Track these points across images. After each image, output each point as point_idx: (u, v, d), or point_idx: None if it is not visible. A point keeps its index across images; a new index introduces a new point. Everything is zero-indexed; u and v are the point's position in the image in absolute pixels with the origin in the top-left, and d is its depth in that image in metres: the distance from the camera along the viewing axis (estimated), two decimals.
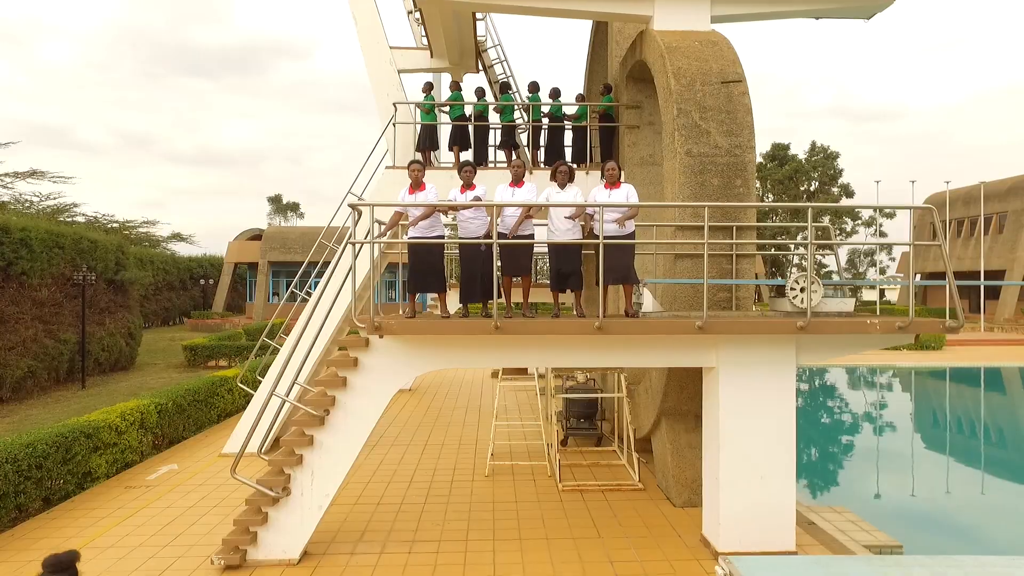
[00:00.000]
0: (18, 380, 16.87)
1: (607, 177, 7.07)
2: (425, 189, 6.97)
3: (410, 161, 7.14)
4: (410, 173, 7.01)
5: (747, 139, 8.33)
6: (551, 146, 11.96)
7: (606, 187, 7.07)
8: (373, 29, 12.30)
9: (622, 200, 6.95)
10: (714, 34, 9.40)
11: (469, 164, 7.14)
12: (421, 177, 7.01)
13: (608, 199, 6.95)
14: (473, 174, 7.13)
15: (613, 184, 7.04)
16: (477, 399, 16.91)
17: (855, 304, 23.95)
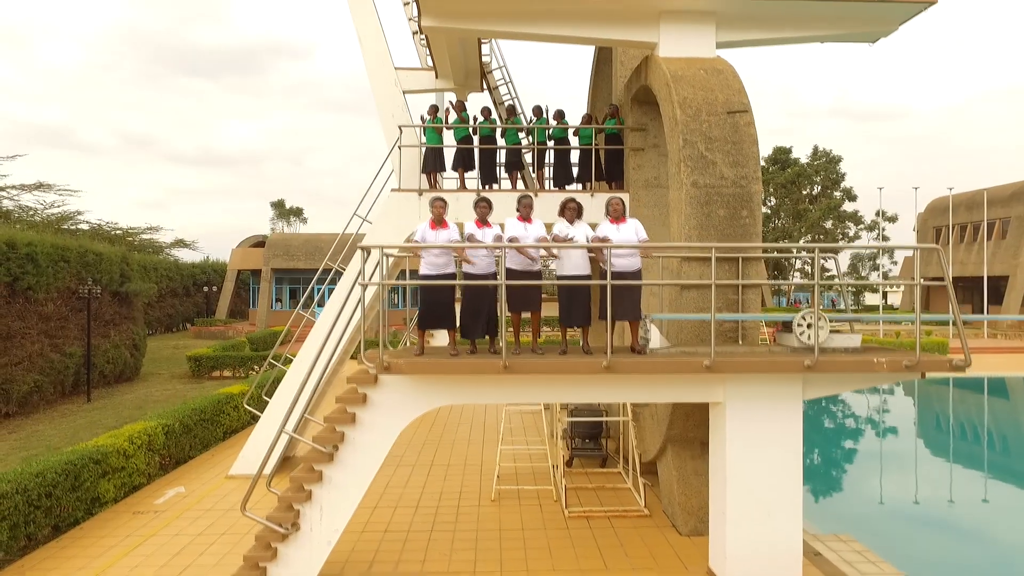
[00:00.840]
0: (24, 395, 16.94)
1: (612, 212, 7.11)
2: (448, 228, 7.00)
3: (434, 198, 7.15)
4: (433, 210, 7.04)
5: (753, 170, 8.36)
6: (557, 168, 11.99)
7: (612, 222, 7.10)
8: (378, 50, 12.34)
9: (631, 235, 6.99)
10: (719, 61, 9.43)
11: (485, 200, 7.17)
12: (444, 214, 7.04)
13: (616, 234, 6.98)
14: (489, 210, 7.16)
15: (619, 219, 7.07)
16: (481, 416, 16.94)
17: (860, 305, 23.64)
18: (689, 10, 9.59)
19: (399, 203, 11.48)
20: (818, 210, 53.93)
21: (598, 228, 7.20)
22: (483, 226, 7.06)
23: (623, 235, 6.95)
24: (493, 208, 7.35)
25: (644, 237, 7.03)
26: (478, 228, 7.05)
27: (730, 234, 8.28)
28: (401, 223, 11.44)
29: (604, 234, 7.05)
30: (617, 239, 6.92)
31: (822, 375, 6.72)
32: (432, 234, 6.95)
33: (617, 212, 7.07)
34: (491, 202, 7.25)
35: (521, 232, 7.02)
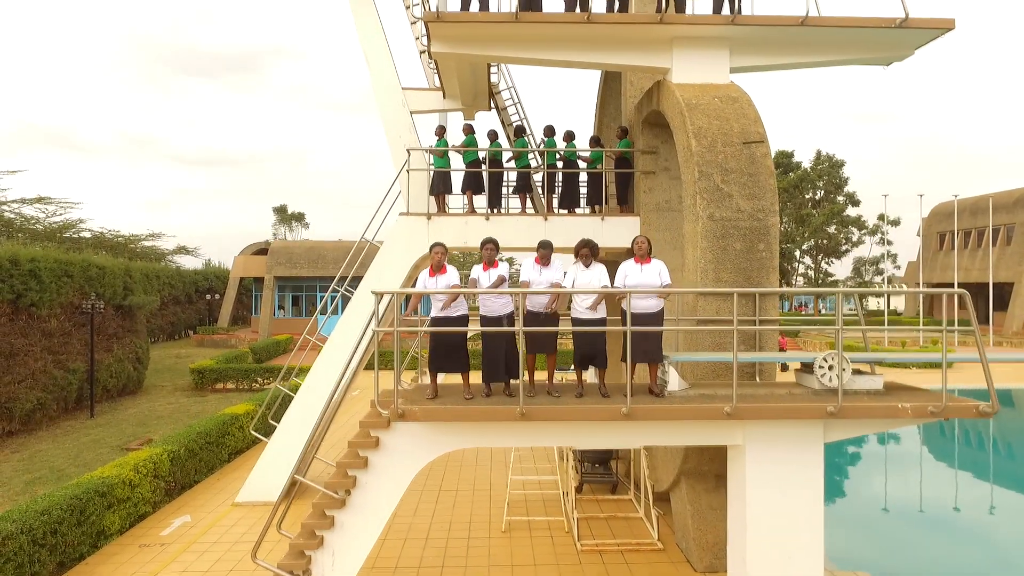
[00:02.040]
0: (27, 413, 16.81)
1: (637, 251, 6.97)
2: (446, 272, 6.86)
3: (432, 244, 7.02)
4: (432, 256, 6.90)
5: (770, 202, 8.23)
6: (566, 190, 11.86)
7: (636, 261, 6.96)
8: (386, 71, 12.22)
9: (654, 276, 6.85)
10: (734, 88, 9.30)
11: (492, 242, 7.04)
12: (443, 260, 6.89)
13: (639, 275, 6.84)
14: (496, 251, 7.02)
15: (643, 259, 6.93)
16: None
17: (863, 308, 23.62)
18: (702, 36, 9.46)
19: (407, 227, 11.35)
20: (821, 215, 53.74)
21: (621, 266, 7.05)
22: (489, 268, 6.92)
23: (646, 276, 6.81)
24: (499, 249, 7.20)
25: (667, 280, 6.88)
26: (484, 271, 6.91)
27: (747, 268, 8.15)
28: (410, 247, 11.31)
29: (627, 272, 6.91)
30: (640, 280, 6.79)
31: (845, 420, 6.58)
32: (432, 281, 6.81)
33: (642, 252, 6.93)
34: (498, 244, 7.11)
35: (535, 277, 6.88)
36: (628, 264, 6.98)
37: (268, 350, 31.94)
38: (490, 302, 6.89)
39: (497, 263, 6.97)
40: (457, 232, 11.31)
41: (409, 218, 11.38)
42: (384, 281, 11.34)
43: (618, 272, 7.01)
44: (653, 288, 6.75)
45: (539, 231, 11.29)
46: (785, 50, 9.69)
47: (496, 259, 6.99)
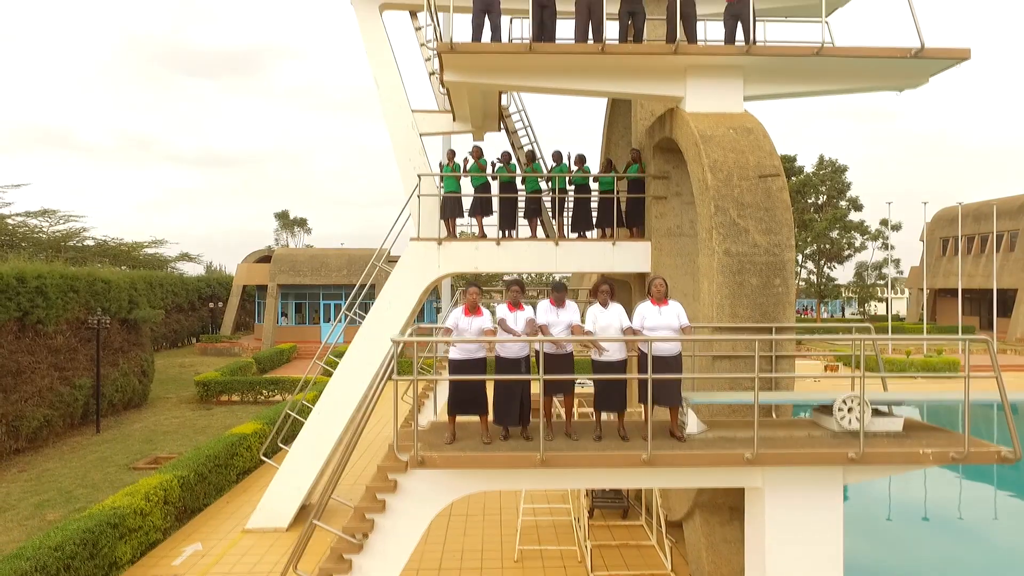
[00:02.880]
0: (34, 430, 16.78)
1: (654, 293, 6.93)
2: (482, 315, 6.83)
3: (468, 284, 6.98)
4: (468, 297, 6.86)
5: (786, 237, 8.20)
6: (577, 215, 11.83)
7: (653, 303, 6.93)
8: (395, 93, 12.18)
9: (673, 319, 6.81)
10: (748, 118, 9.26)
11: (517, 284, 7.00)
12: (478, 301, 6.86)
13: (658, 317, 6.81)
14: (521, 293, 6.98)
15: (661, 300, 6.90)
16: None
17: (866, 314, 23.30)
18: (716, 65, 9.42)
19: (418, 252, 11.30)
20: (824, 220, 53.68)
21: (638, 308, 7.02)
22: (515, 309, 6.89)
23: (665, 318, 6.77)
24: (525, 291, 7.16)
25: (686, 322, 6.85)
26: (510, 312, 6.87)
27: (763, 303, 8.12)
28: (420, 272, 11.27)
29: (645, 315, 6.87)
30: (658, 322, 6.75)
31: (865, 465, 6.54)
32: (466, 321, 6.78)
33: (660, 294, 6.89)
34: (523, 286, 7.09)
35: (553, 319, 6.85)
36: (646, 306, 6.95)
37: (272, 360, 31.92)
38: (510, 344, 6.85)
39: (523, 305, 6.93)
40: (467, 257, 11.27)
41: (420, 243, 11.33)
42: (395, 308, 11.31)
43: (635, 314, 6.97)
44: (672, 331, 6.71)
45: (550, 256, 11.28)
46: (799, 78, 9.65)
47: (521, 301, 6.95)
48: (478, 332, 6.72)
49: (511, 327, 6.72)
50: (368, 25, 12.23)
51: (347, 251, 39.82)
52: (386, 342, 11.49)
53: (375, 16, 12.24)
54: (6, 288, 16.18)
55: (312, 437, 11.49)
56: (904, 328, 45.88)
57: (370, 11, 12.24)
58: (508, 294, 6.98)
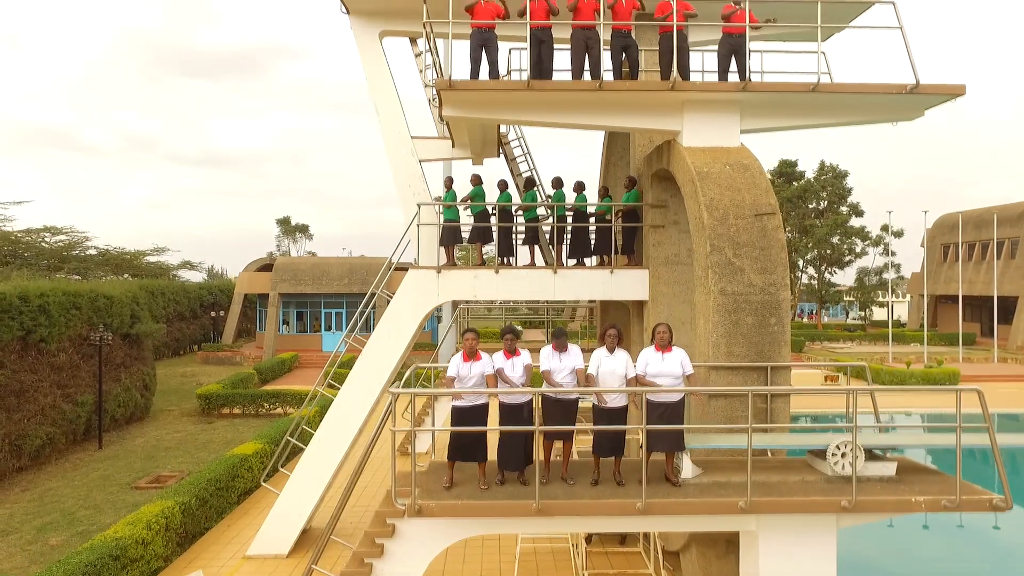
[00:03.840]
0: (37, 448, 16.87)
1: (658, 339, 6.99)
2: (481, 360, 6.90)
3: (465, 330, 7.04)
4: (465, 343, 6.93)
5: (781, 276, 8.26)
6: (575, 242, 11.90)
7: (657, 349, 6.99)
8: (395, 120, 12.27)
9: (676, 366, 6.88)
10: (745, 154, 9.33)
11: (512, 332, 7.07)
12: (476, 347, 6.93)
13: (661, 363, 6.87)
14: (516, 340, 7.05)
15: (665, 347, 6.96)
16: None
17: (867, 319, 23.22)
18: (713, 100, 9.49)
19: (417, 280, 11.37)
20: (825, 225, 53.69)
21: (642, 354, 7.08)
22: (511, 356, 6.96)
23: (668, 365, 6.84)
24: (520, 336, 7.24)
25: (689, 370, 6.91)
26: (506, 359, 6.94)
27: (758, 342, 8.19)
28: (420, 301, 11.34)
29: (648, 361, 6.93)
30: (661, 369, 6.81)
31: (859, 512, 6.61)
32: (466, 367, 6.84)
33: (663, 341, 6.95)
34: (518, 333, 7.17)
35: (556, 364, 6.91)
36: (649, 353, 7.00)
37: (273, 370, 32.01)
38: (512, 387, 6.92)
39: (519, 351, 7.01)
40: (466, 285, 11.34)
41: (419, 271, 11.41)
42: (394, 335, 11.38)
43: (639, 361, 7.03)
44: (675, 378, 6.78)
45: (548, 284, 11.34)
46: (796, 113, 9.72)
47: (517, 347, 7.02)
48: (479, 377, 6.78)
49: (509, 375, 6.78)
50: (368, 51, 12.31)
51: (348, 260, 39.91)
52: (386, 368, 11.65)
53: (375, 42, 12.32)
54: (9, 308, 16.28)
55: (312, 464, 11.57)
56: (905, 335, 45.92)
57: (370, 37, 12.31)
58: (504, 341, 7.05)
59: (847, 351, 41.11)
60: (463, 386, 6.80)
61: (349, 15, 12.13)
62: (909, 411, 25.54)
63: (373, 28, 12.24)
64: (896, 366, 33.93)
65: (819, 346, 44.61)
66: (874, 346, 44.39)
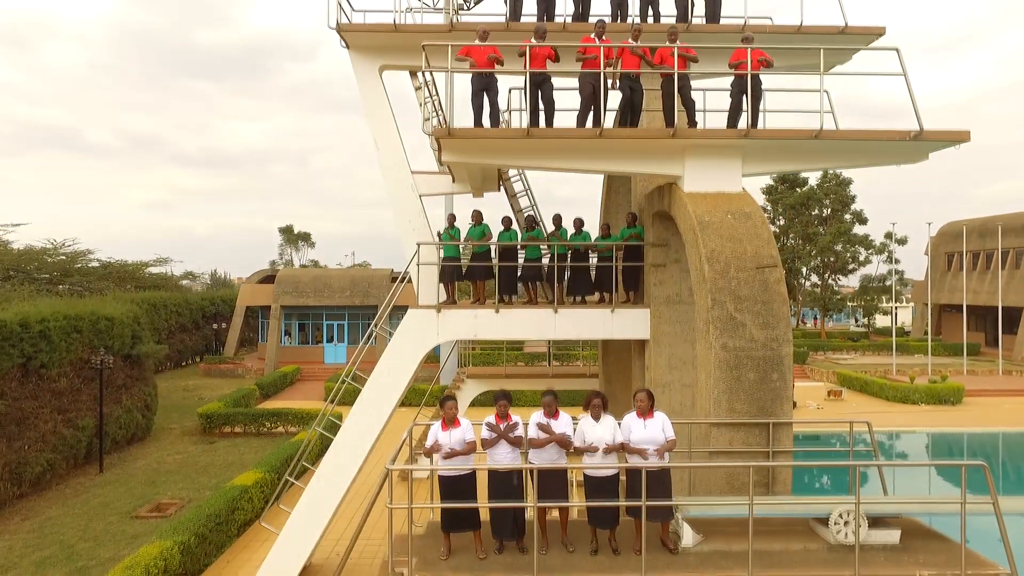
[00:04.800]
0: (37, 475, 16.85)
1: (638, 407, 6.88)
2: (460, 426, 6.81)
3: (444, 398, 6.95)
4: (445, 411, 6.84)
5: (783, 331, 8.17)
6: (575, 279, 11.82)
7: (638, 415, 6.89)
8: (395, 155, 12.20)
9: (657, 432, 6.77)
10: (747, 201, 9.23)
11: (505, 397, 6.99)
12: (455, 414, 6.85)
13: (643, 431, 6.78)
14: (509, 406, 6.97)
15: (646, 414, 6.86)
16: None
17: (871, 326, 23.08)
18: (715, 145, 9.41)
19: (417, 320, 11.29)
20: (828, 233, 53.52)
21: (624, 421, 6.98)
22: (502, 421, 6.87)
23: (649, 432, 6.74)
24: (512, 402, 7.13)
25: (671, 435, 6.80)
26: (498, 423, 6.85)
27: (760, 398, 8.10)
28: (419, 340, 11.27)
29: (630, 428, 6.84)
30: (643, 436, 6.72)
31: None
32: (445, 435, 6.75)
33: (643, 408, 6.86)
34: (511, 398, 7.08)
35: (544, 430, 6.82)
36: (631, 419, 6.90)
37: (275, 384, 31.99)
38: (499, 457, 6.84)
39: (511, 417, 6.92)
40: (466, 324, 11.26)
41: (418, 311, 11.33)
42: (393, 375, 11.30)
43: (622, 428, 6.93)
44: (657, 445, 6.68)
45: (549, 323, 11.25)
46: (798, 157, 9.64)
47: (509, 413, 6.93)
48: (460, 445, 6.69)
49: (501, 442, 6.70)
50: (368, 86, 12.23)
51: (350, 272, 39.95)
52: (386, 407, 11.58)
53: (375, 76, 12.25)
54: (10, 335, 16.25)
55: (311, 504, 11.50)
56: (909, 345, 45.71)
57: (370, 72, 12.24)
58: (498, 407, 6.96)
59: (850, 363, 40.94)
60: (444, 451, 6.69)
61: (349, 50, 12.07)
62: (913, 429, 25.43)
63: (373, 62, 12.17)
64: (900, 379, 33.78)
65: (822, 356, 44.44)
66: (877, 357, 44.18)
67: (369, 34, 11.64)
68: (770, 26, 11.35)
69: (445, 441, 6.72)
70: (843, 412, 28.11)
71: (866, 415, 27.54)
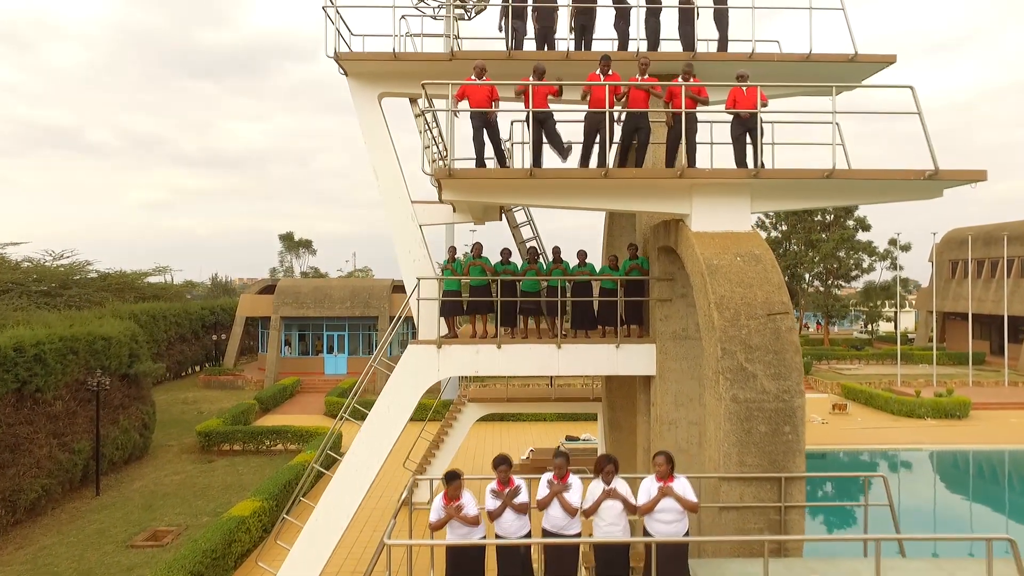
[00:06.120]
0: (32, 502, 16.60)
1: (657, 473, 6.63)
2: (461, 499, 6.55)
3: (448, 475, 6.66)
4: (449, 490, 6.56)
5: (796, 382, 7.89)
6: (577, 313, 11.54)
7: (658, 480, 6.63)
8: (395, 184, 11.94)
9: (679, 496, 6.51)
10: (757, 242, 8.96)
11: (505, 462, 6.73)
12: (460, 492, 6.57)
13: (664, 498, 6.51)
14: (510, 470, 6.71)
15: (665, 479, 6.60)
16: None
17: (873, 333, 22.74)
18: (723, 184, 9.14)
19: (417, 356, 11.03)
20: (831, 240, 53.19)
21: (642, 485, 6.72)
22: (504, 488, 6.61)
23: (670, 499, 6.47)
24: (512, 465, 6.87)
25: (692, 499, 6.55)
26: (500, 490, 6.59)
27: (771, 451, 7.81)
28: (420, 377, 11.00)
29: (648, 491, 6.58)
30: (663, 504, 6.45)
31: None
32: (449, 509, 6.48)
33: (663, 473, 6.59)
34: (511, 463, 6.81)
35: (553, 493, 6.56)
36: (650, 483, 6.65)
37: (275, 398, 31.75)
38: (505, 524, 6.58)
39: (512, 481, 6.66)
40: (468, 360, 10.99)
41: (418, 347, 11.07)
42: (393, 411, 11.05)
43: (640, 492, 6.67)
44: (678, 512, 6.42)
45: (552, 359, 10.98)
46: (809, 195, 9.38)
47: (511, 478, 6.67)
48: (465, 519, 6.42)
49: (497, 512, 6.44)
50: (366, 113, 11.96)
51: (350, 282, 39.70)
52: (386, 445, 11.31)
53: (374, 104, 11.99)
54: (4, 360, 16.02)
55: (308, 545, 11.23)
56: (914, 354, 45.34)
57: (369, 99, 11.98)
58: (497, 473, 6.69)
59: (854, 372, 40.66)
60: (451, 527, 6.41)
61: (347, 77, 11.80)
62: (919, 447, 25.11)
63: (372, 90, 11.90)
64: (905, 391, 33.47)
65: (826, 366, 44.14)
66: (881, 366, 43.90)
67: (368, 63, 11.38)
68: (778, 55, 11.06)
69: (451, 514, 6.44)
70: (848, 427, 27.82)
71: (872, 430, 27.29)
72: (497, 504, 6.56)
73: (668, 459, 6.64)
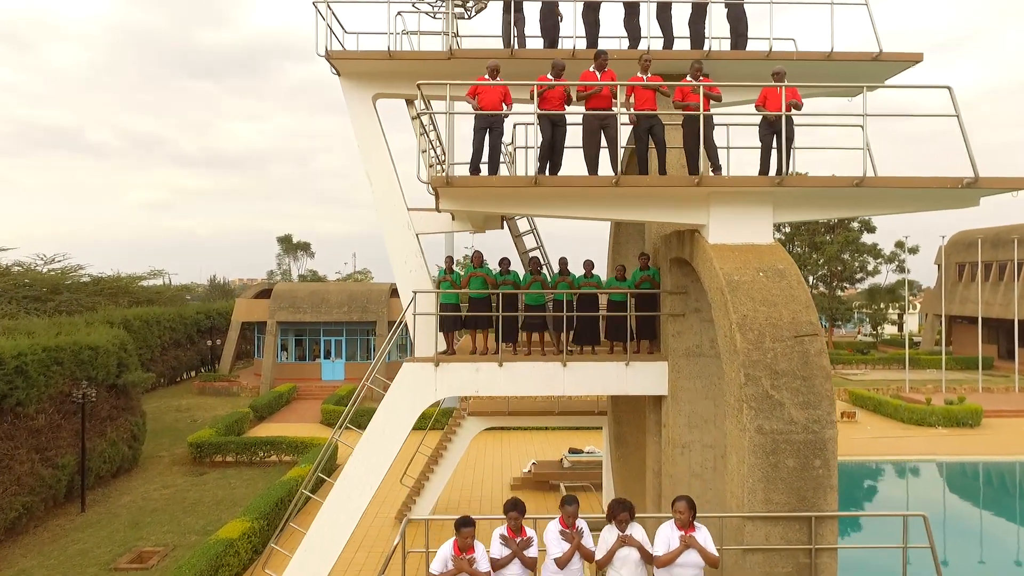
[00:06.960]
0: (12, 520, 15.89)
1: (678, 519, 5.95)
2: (474, 552, 5.88)
3: (460, 521, 5.96)
4: (460, 539, 5.87)
5: (826, 411, 7.20)
6: (583, 327, 10.85)
7: (678, 528, 5.95)
8: (390, 191, 11.28)
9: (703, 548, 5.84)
10: (780, 255, 8.28)
11: (517, 508, 6.06)
12: (471, 542, 5.89)
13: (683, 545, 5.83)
14: (522, 517, 6.03)
15: (686, 527, 5.92)
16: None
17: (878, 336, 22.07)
18: (743, 193, 8.46)
19: (413, 374, 10.34)
20: (835, 242, 52.49)
21: (659, 532, 6.04)
22: (515, 536, 5.93)
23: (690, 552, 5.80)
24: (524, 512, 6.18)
25: (713, 550, 5.87)
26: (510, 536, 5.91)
27: (800, 487, 7.12)
28: (416, 396, 10.32)
29: (669, 543, 5.90)
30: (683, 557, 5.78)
31: None
32: (458, 562, 5.81)
33: (684, 521, 5.92)
34: (524, 509, 6.12)
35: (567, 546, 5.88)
36: (669, 530, 5.97)
37: (270, 405, 31.03)
38: (508, 573, 5.90)
39: (524, 530, 5.98)
40: (467, 379, 10.30)
41: (415, 365, 10.37)
42: (387, 434, 10.36)
43: (657, 540, 5.99)
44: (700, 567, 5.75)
45: (557, 378, 10.28)
46: (836, 205, 8.70)
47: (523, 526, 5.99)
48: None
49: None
50: (360, 116, 11.29)
51: (347, 286, 39.00)
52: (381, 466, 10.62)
53: (368, 106, 11.32)
54: None
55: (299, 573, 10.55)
56: (920, 359, 44.59)
57: (362, 101, 11.31)
58: (508, 518, 6.02)
59: (861, 378, 39.97)
60: None
61: (340, 77, 11.13)
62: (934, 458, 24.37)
63: (366, 91, 11.23)
64: (915, 398, 32.76)
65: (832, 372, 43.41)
66: (888, 371, 43.21)
67: (362, 61, 10.70)
68: (797, 53, 10.37)
69: (461, 568, 5.75)
70: (859, 436, 27.10)
71: (884, 440, 26.60)
72: (505, 553, 5.89)
73: (690, 505, 5.96)
